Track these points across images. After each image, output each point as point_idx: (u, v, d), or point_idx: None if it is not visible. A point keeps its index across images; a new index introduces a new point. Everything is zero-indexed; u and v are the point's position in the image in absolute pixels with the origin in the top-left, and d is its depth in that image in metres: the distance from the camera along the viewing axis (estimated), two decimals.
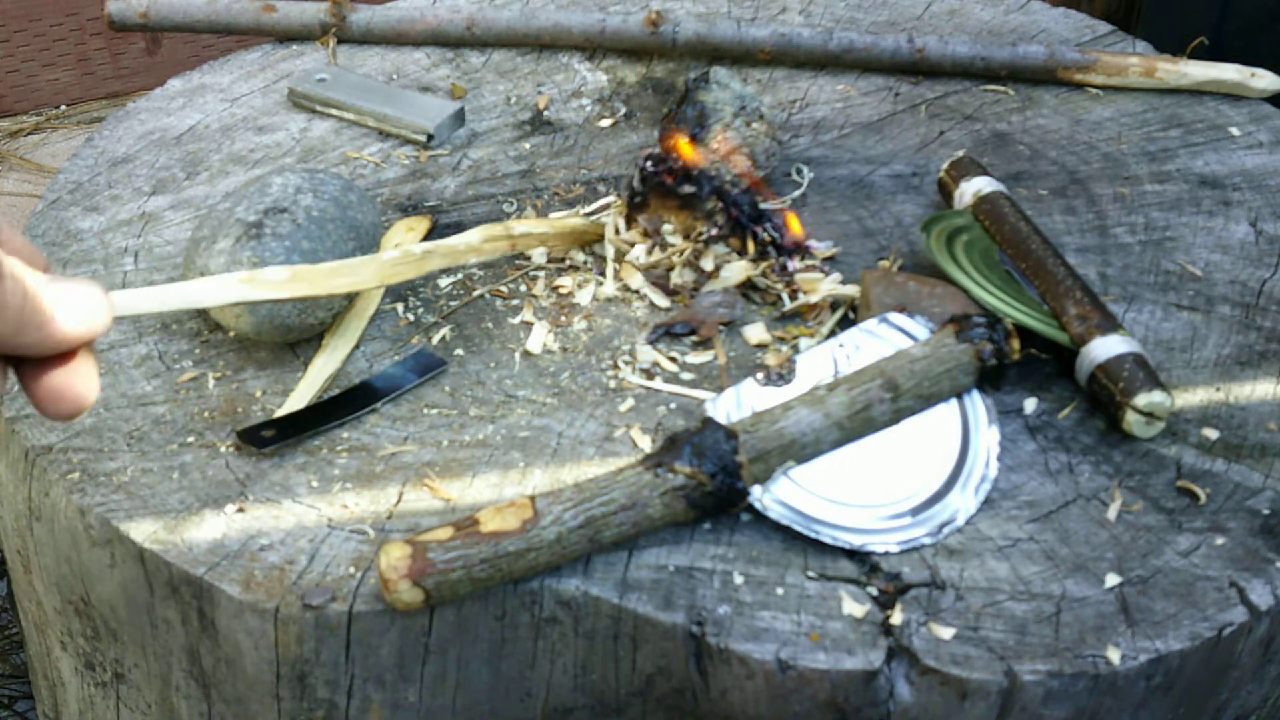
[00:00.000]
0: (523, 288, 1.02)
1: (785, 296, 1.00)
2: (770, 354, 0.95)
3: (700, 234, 1.00)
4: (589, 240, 1.03)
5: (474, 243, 0.94)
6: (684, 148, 1.02)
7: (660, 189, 1.01)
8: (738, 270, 1.00)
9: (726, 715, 0.78)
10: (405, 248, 0.89)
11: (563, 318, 0.99)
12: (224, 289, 0.70)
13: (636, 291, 1.01)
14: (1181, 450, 0.88)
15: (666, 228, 1.01)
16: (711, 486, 0.80)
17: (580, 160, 1.17)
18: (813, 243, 1.05)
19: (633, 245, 1.02)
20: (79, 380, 0.55)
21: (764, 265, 1.00)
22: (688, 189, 0.99)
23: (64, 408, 0.55)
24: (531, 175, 1.15)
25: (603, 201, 1.11)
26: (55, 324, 0.53)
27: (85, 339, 0.54)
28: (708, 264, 1.01)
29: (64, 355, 0.54)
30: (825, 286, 0.99)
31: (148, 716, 0.92)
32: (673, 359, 0.95)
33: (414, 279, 0.89)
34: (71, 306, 0.53)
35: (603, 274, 1.02)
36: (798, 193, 1.12)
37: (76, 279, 0.55)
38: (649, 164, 1.01)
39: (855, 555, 0.81)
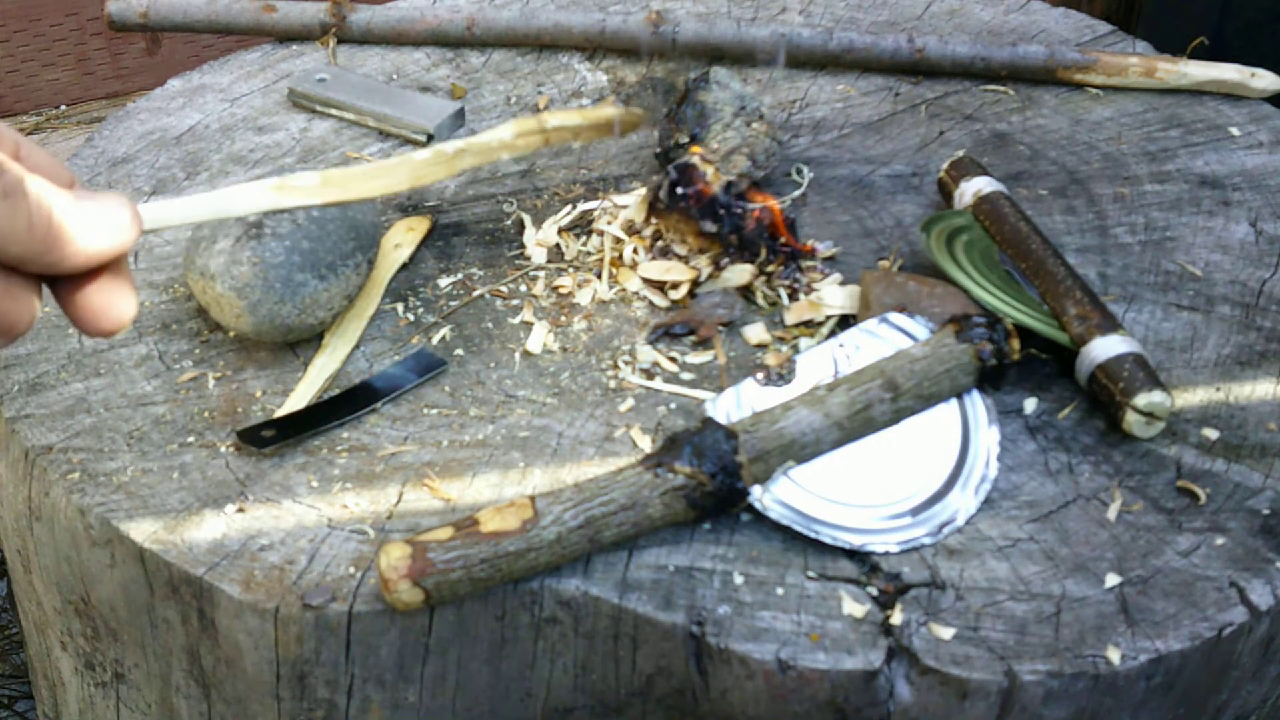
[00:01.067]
0: (523, 288, 1.02)
1: (785, 297, 1.00)
2: (770, 354, 0.95)
3: (714, 258, 1.00)
4: (625, 130, 0.98)
5: (506, 138, 0.89)
6: (708, 176, 0.99)
7: (682, 211, 1.00)
8: (739, 273, 1.00)
9: (726, 715, 0.78)
10: (437, 146, 0.85)
11: (563, 318, 0.99)
12: (255, 196, 0.66)
13: (636, 292, 1.01)
14: (1181, 450, 0.88)
15: (678, 248, 1.01)
16: (711, 486, 0.80)
17: (580, 160, 1.17)
18: (813, 243, 1.05)
19: (639, 248, 1.02)
20: (115, 296, 0.54)
21: (766, 275, 1.00)
22: (710, 227, 0.97)
23: (103, 325, 0.54)
24: (531, 175, 1.15)
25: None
26: (82, 240, 0.52)
27: (114, 254, 0.53)
28: (705, 271, 1.01)
29: (97, 271, 0.54)
30: (827, 293, 0.99)
31: (148, 716, 0.92)
32: (673, 359, 0.95)
33: (445, 179, 0.85)
34: (98, 221, 0.52)
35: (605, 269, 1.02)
36: (798, 193, 1.12)
37: (103, 191, 0.54)
38: (675, 177, 0.99)
39: (855, 555, 0.81)
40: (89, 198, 0.53)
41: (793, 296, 1.00)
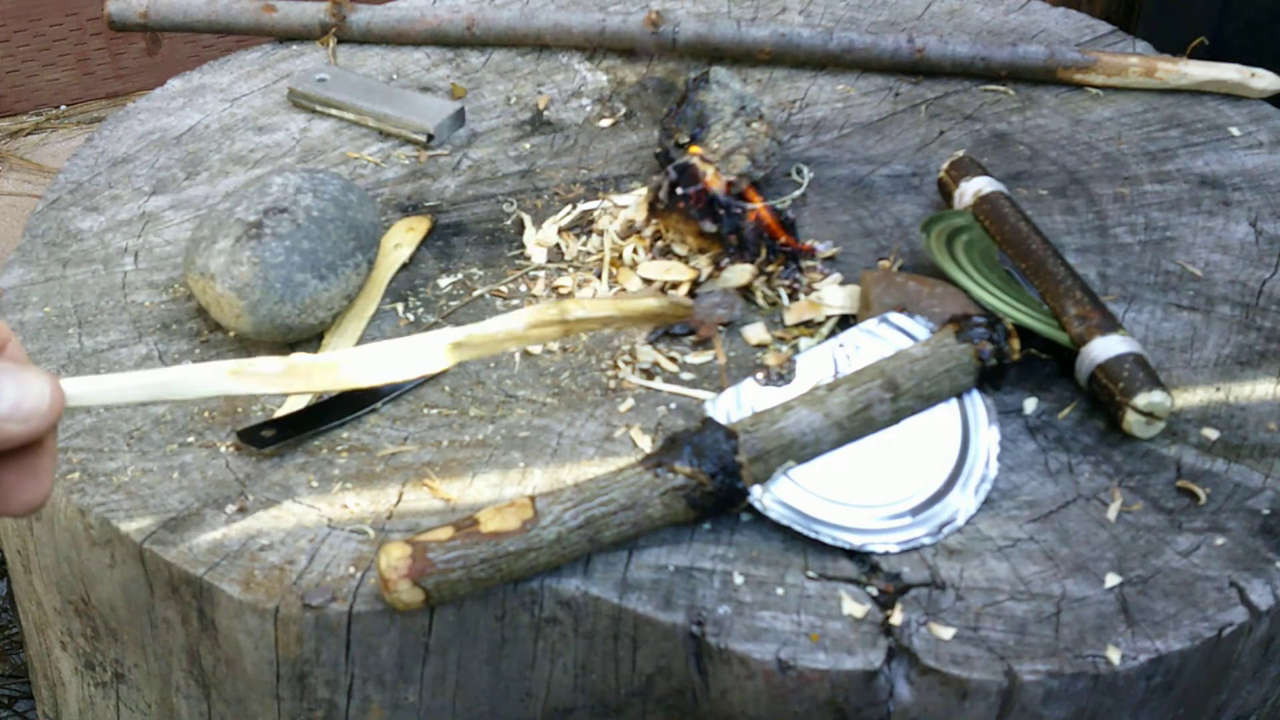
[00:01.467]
0: (523, 288, 1.02)
1: (785, 296, 1.00)
2: (770, 354, 0.95)
3: (714, 258, 1.00)
4: (667, 321, 0.86)
5: (516, 330, 0.77)
6: (708, 176, 0.99)
7: (682, 211, 1.00)
8: (739, 273, 1.00)
9: (727, 715, 0.78)
10: (429, 338, 0.74)
11: None
12: (207, 380, 0.62)
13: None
14: (1181, 450, 0.88)
15: (679, 248, 1.02)
16: (711, 486, 0.80)
17: (580, 160, 1.17)
18: (813, 243, 1.05)
19: (639, 249, 1.03)
20: (26, 478, 0.51)
21: (766, 275, 1.00)
22: (709, 227, 0.97)
23: (10, 507, 0.51)
24: (531, 175, 1.15)
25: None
26: None
27: (27, 438, 0.50)
28: (705, 271, 1.01)
29: (14, 450, 0.50)
30: (827, 293, 0.99)
31: (148, 716, 0.92)
32: (673, 359, 0.95)
33: (438, 372, 0.76)
34: (13, 402, 0.49)
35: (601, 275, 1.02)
36: (798, 193, 1.12)
37: (27, 369, 0.50)
38: (675, 178, 0.99)
39: (855, 555, 0.81)
40: (6, 374, 0.49)
41: (793, 296, 1.00)
